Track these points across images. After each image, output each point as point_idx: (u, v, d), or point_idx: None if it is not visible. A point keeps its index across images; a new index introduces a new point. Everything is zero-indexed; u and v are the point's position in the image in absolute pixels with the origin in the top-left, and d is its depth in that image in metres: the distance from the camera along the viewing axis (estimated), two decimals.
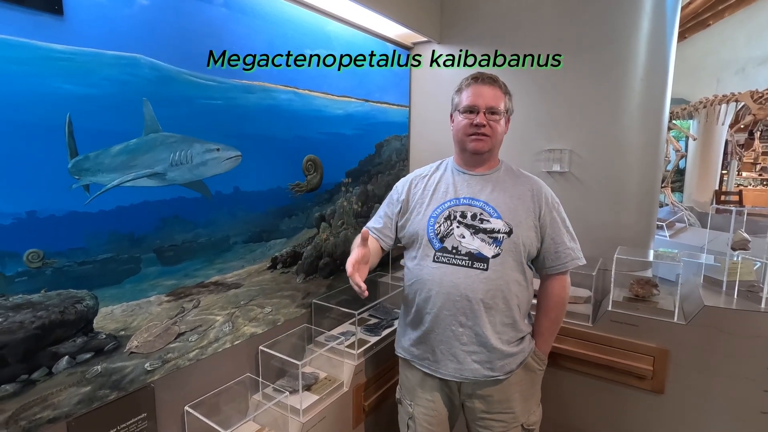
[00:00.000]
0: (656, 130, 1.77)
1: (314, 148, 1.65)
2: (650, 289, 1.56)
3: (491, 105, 1.18)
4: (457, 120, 1.23)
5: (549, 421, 1.71)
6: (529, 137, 1.89)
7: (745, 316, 1.36)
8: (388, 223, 1.33)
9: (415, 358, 1.27)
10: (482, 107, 1.18)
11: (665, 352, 1.45)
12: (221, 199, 1.31)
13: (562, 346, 1.60)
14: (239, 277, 1.40)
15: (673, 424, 1.48)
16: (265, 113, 1.43)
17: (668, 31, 1.73)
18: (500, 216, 1.19)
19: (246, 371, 1.44)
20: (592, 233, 1.79)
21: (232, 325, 1.38)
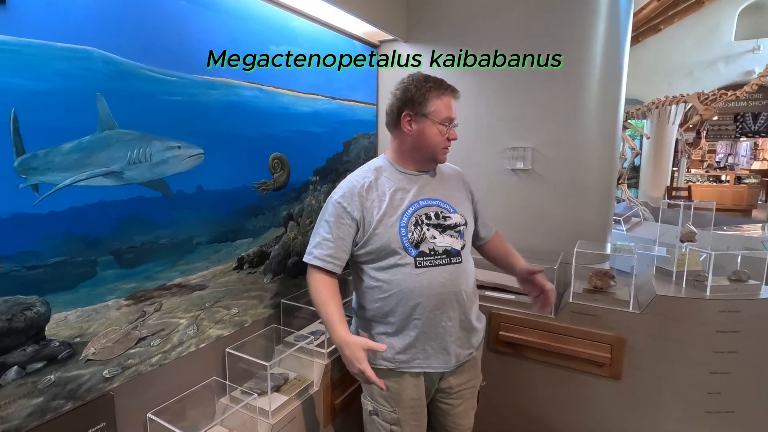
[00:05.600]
0: (612, 129, 1.86)
1: (281, 146, 1.63)
2: (607, 280, 1.64)
3: (456, 117, 1.24)
4: (432, 129, 1.19)
5: (514, 410, 1.77)
6: (494, 135, 1.94)
7: (692, 304, 1.46)
8: (342, 245, 1.21)
9: (402, 363, 1.24)
10: (455, 120, 1.23)
11: (622, 340, 1.53)
12: (183, 199, 1.27)
13: (527, 337, 1.66)
14: (204, 278, 1.36)
15: (630, 408, 1.57)
16: (228, 110, 1.39)
17: (622, 35, 1.82)
18: (456, 210, 1.26)
19: (212, 374, 1.41)
20: (554, 229, 1.87)
21: (197, 327, 1.34)
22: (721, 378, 1.45)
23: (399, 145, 1.27)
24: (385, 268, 1.21)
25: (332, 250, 1.21)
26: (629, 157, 5.29)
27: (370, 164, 1.33)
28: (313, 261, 1.23)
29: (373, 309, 1.25)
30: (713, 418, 1.47)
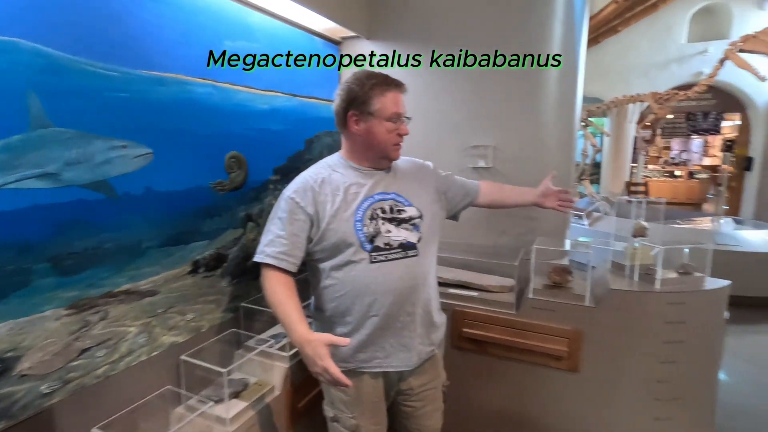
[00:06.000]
0: (569, 127, 1.91)
1: (238, 145, 1.57)
2: (565, 276, 1.68)
3: (406, 112, 1.22)
4: (379, 126, 1.17)
5: (478, 405, 1.79)
6: (456, 134, 1.95)
7: (642, 297, 1.52)
8: (297, 242, 1.18)
9: (362, 363, 1.22)
10: (404, 115, 1.21)
11: (579, 333, 1.58)
12: (131, 201, 1.20)
13: (489, 333, 1.68)
14: (155, 283, 1.30)
15: (588, 399, 1.62)
16: (180, 107, 1.33)
17: (577, 35, 1.86)
18: (411, 203, 1.25)
19: (166, 383, 1.35)
20: (515, 226, 1.90)
21: (149, 335, 1.28)
22: (669, 367, 1.52)
23: (351, 145, 1.25)
24: (340, 265, 1.18)
25: (286, 247, 1.17)
26: (591, 154, 5.48)
27: (323, 161, 1.31)
28: (265, 259, 1.17)
29: (331, 309, 1.23)
30: (663, 405, 1.54)
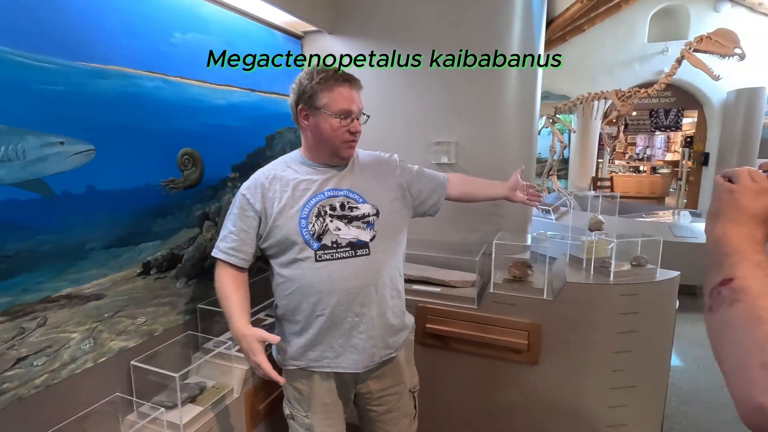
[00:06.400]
0: (529, 123, 1.94)
1: (192, 141, 1.52)
2: (525, 270, 1.71)
3: (361, 108, 1.18)
4: (328, 123, 1.15)
5: (442, 400, 1.80)
6: (419, 130, 1.95)
7: (598, 289, 1.56)
8: (246, 238, 1.20)
9: (312, 361, 1.21)
10: (356, 112, 1.16)
11: (538, 326, 1.61)
12: (70, 200, 1.14)
13: (451, 329, 1.70)
14: (101, 286, 1.24)
15: (547, 391, 1.65)
16: (126, 102, 1.27)
17: (536, 33, 1.89)
18: (365, 200, 1.21)
19: (116, 390, 1.30)
20: (476, 221, 1.92)
21: (94, 341, 1.22)
22: (623, 356, 1.57)
23: (305, 141, 1.24)
24: (287, 263, 1.18)
25: (236, 243, 1.19)
26: (558, 150, 5.61)
27: (282, 157, 1.30)
28: (217, 254, 1.21)
29: (282, 307, 1.23)
30: (617, 393, 1.59)
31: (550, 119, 5.43)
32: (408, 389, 1.35)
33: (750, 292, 0.47)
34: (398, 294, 1.28)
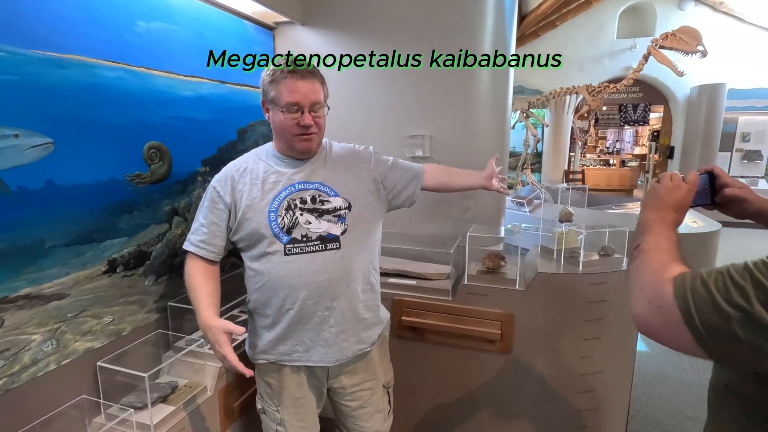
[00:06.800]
0: (502, 116, 1.96)
1: (159, 134, 1.47)
2: (498, 261, 1.74)
3: (313, 101, 1.12)
4: (279, 116, 1.13)
5: (418, 391, 1.83)
6: (394, 124, 1.95)
7: (567, 279, 1.60)
8: (216, 231, 1.19)
9: (283, 355, 1.21)
10: (306, 105, 1.11)
11: (510, 316, 1.64)
12: (27, 196, 1.09)
13: (427, 320, 1.71)
14: (63, 285, 1.19)
15: (520, 379, 1.69)
16: (86, 93, 1.22)
17: (508, 28, 1.91)
18: (337, 193, 1.20)
19: (82, 393, 1.25)
20: (451, 214, 1.94)
21: (57, 342, 1.18)
22: (592, 343, 1.62)
23: (273, 134, 1.23)
24: (257, 257, 1.17)
25: (206, 235, 1.19)
26: (532, 144, 5.72)
27: (255, 150, 1.29)
28: (188, 247, 1.21)
29: (253, 300, 1.22)
30: (586, 378, 1.64)
31: (524, 114, 5.52)
32: (382, 385, 1.36)
33: (646, 251, 0.70)
34: (371, 288, 1.27)
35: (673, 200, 0.76)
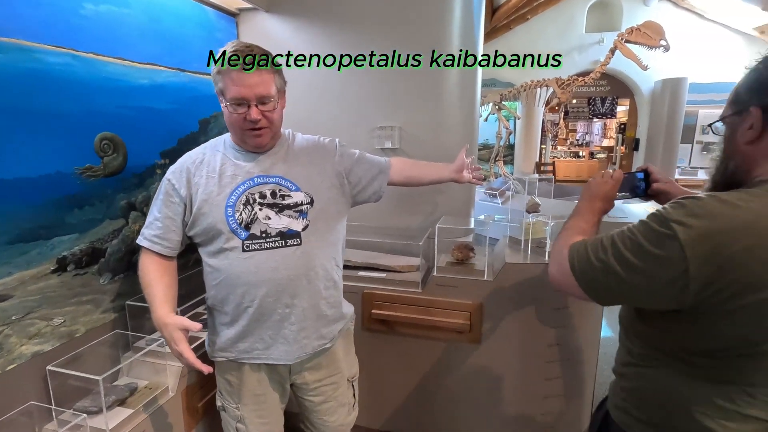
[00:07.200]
0: (470, 108, 1.96)
1: (112, 125, 1.39)
2: (467, 252, 1.75)
3: (261, 94, 1.04)
4: (227, 110, 1.07)
5: (384, 384, 1.83)
6: (363, 115, 1.92)
7: (534, 268, 1.62)
8: (172, 225, 1.14)
9: (242, 353, 1.17)
10: (252, 99, 1.04)
11: (479, 306, 1.65)
12: None
13: (397, 313, 1.71)
14: (6, 286, 1.12)
15: (489, 368, 1.72)
16: (26, 80, 1.13)
17: (476, 21, 1.90)
18: (299, 188, 1.16)
19: (30, 399, 1.18)
20: (421, 206, 1.93)
21: (1, 347, 1.10)
22: (558, 331, 1.65)
23: (228, 127, 1.17)
24: (214, 253, 1.13)
25: (161, 230, 1.14)
26: (504, 136, 5.78)
27: (212, 141, 1.23)
28: (141, 242, 1.16)
29: (211, 297, 1.18)
30: (552, 366, 1.68)
31: (496, 106, 5.56)
32: (346, 378, 1.34)
33: (567, 228, 0.92)
34: (334, 284, 1.24)
35: (602, 192, 0.97)
